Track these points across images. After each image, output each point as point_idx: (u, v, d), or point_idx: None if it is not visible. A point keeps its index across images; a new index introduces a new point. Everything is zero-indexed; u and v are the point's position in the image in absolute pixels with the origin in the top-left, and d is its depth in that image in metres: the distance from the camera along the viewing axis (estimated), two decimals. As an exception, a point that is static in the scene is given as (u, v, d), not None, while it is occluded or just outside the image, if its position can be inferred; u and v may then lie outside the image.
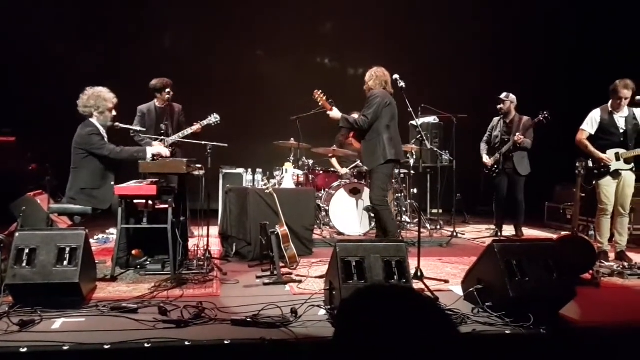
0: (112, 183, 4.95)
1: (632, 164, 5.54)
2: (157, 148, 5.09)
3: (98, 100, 4.98)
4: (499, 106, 7.03)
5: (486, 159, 7.11)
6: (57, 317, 3.42)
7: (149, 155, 4.89)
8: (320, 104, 5.69)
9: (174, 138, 6.04)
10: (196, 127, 6.17)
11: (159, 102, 6.47)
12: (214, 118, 6.23)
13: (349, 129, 5.85)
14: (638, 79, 5.61)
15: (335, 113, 5.64)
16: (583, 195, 5.33)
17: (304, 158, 7.35)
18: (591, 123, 5.67)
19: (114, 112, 5.08)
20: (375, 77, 5.63)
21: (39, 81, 8.17)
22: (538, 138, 6.93)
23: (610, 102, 5.63)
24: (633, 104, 5.57)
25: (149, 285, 4.27)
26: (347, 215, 6.85)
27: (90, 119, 4.98)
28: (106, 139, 5.02)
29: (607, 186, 5.53)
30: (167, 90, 6.21)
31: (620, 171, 5.52)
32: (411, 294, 1.18)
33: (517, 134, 6.75)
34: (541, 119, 6.63)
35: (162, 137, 5.77)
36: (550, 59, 9.61)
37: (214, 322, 3.37)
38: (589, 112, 5.72)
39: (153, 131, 6.15)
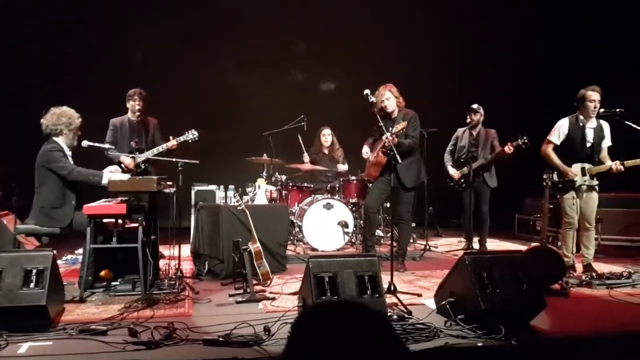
0: (73, 203, 4.85)
1: (595, 179, 5.45)
2: (115, 175, 4.94)
3: (70, 119, 4.93)
4: (470, 116, 7.05)
5: (453, 171, 7.11)
6: (24, 341, 3.32)
7: (104, 181, 4.76)
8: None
9: (147, 155, 5.89)
10: (171, 143, 5.94)
11: (131, 114, 6.18)
12: (191, 134, 5.99)
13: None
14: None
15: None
16: (551, 206, 5.39)
17: (277, 174, 7.35)
18: (558, 134, 5.54)
19: (79, 133, 5.02)
20: (397, 94, 5.70)
21: (1, 99, 8.01)
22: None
23: (578, 112, 5.52)
24: (599, 116, 5.47)
25: (119, 306, 4.18)
26: (321, 230, 6.84)
27: (56, 138, 4.91)
28: (70, 160, 4.95)
29: (571, 199, 5.46)
30: (136, 99, 6.02)
31: (584, 186, 5.46)
32: (362, 310, 1.19)
33: (508, 145, 6.69)
34: (520, 143, 6.57)
35: (134, 155, 5.68)
36: (517, 72, 9.80)
37: (185, 342, 3.32)
38: (555, 123, 5.62)
39: (126, 146, 5.95)
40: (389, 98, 5.68)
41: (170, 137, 6.04)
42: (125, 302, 4.28)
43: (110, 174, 4.88)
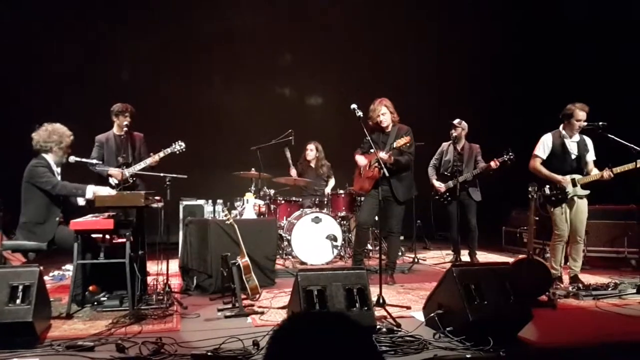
0: (57, 219, 4.81)
1: (586, 190, 5.51)
2: (98, 188, 4.87)
3: (61, 136, 4.90)
4: (451, 131, 7.11)
5: (439, 184, 7.08)
6: (9, 358, 3.29)
7: (88, 195, 4.72)
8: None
9: (133, 169, 5.84)
10: (158, 156, 5.92)
11: (117, 130, 6.12)
12: (178, 146, 5.96)
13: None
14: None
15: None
16: (537, 219, 5.42)
17: (265, 188, 7.35)
18: (543, 148, 5.62)
19: (69, 151, 5.00)
20: (392, 109, 5.76)
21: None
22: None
23: (562, 126, 5.61)
24: (581, 130, 5.55)
25: (107, 321, 4.15)
26: (310, 244, 6.84)
27: (44, 155, 4.88)
28: (59, 177, 4.91)
29: (561, 210, 5.50)
30: (126, 115, 5.97)
31: (576, 197, 5.50)
32: (341, 321, 1.21)
33: (494, 160, 6.71)
34: (506, 159, 6.59)
35: (122, 169, 5.66)
36: (501, 86, 9.91)
37: (174, 358, 3.31)
38: (540, 136, 5.69)
39: (113, 161, 5.93)
40: (384, 113, 5.73)
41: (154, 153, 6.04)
42: (113, 317, 4.24)
43: (96, 188, 4.85)
